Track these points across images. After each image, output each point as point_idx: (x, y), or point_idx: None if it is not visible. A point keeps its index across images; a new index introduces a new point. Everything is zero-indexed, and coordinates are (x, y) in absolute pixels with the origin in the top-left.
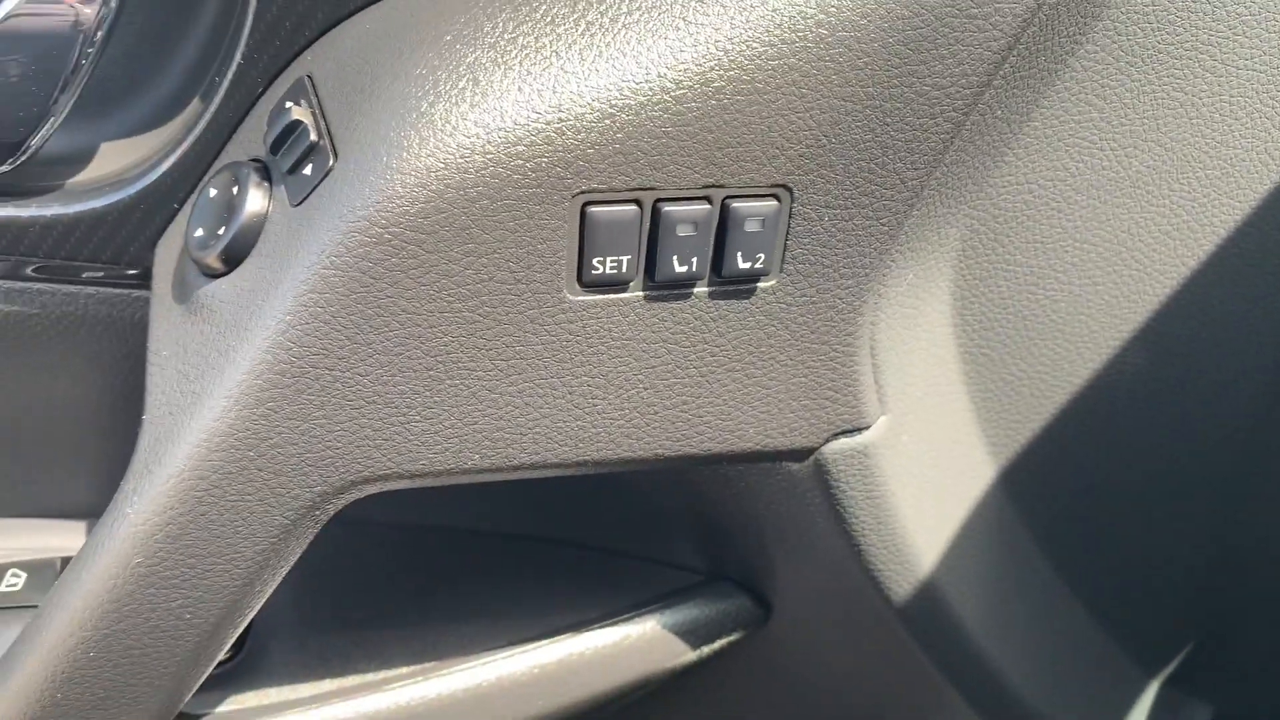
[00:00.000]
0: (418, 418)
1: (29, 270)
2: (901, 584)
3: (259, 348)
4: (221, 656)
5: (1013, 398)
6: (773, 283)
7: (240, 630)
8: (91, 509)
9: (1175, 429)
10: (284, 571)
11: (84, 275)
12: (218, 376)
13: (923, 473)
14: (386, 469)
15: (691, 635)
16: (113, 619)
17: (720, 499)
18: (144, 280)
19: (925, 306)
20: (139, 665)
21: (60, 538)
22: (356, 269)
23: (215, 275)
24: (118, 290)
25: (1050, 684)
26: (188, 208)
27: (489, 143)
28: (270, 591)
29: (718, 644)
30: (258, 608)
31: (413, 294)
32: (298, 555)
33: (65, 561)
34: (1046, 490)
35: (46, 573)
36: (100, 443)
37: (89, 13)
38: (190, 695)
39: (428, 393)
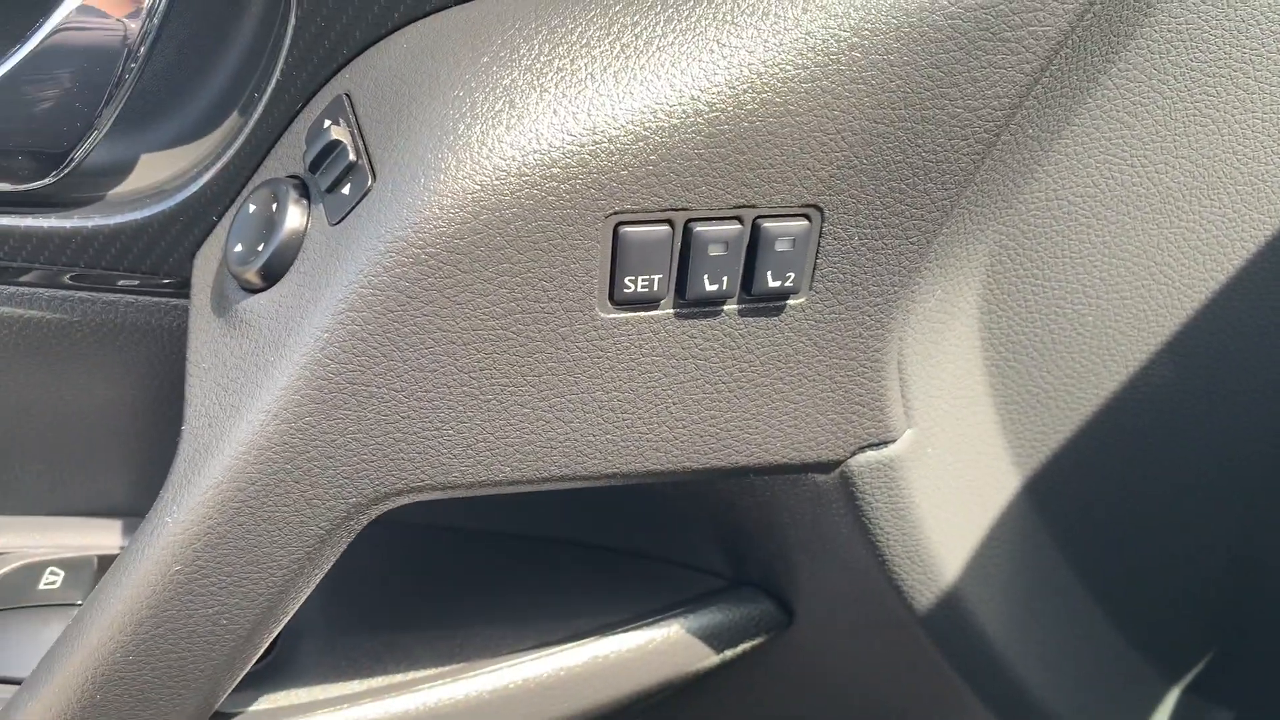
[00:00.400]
0: (450, 432)
1: (70, 279)
2: (925, 593)
3: (297, 363)
4: None
5: (1038, 409)
6: (802, 300)
7: (275, 634)
8: (126, 508)
9: (1200, 441)
10: (318, 578)
11: (123, 284)
12: (256, 390)
13: (948, 484)
14: (419, 481)
15: (715, 639)
16: (151, 624)
17: (745, 506)
18: (182, 289)
19: (952, 321)
20: (176, 668)
21: (96, 536)
22: (393, 288)
23: (254, 290)
24: (156, 299)
25: (1072, 690)
26: (226, 221)
27: (524, 165)
28: (304, 598)
29: (741, 648)
30: (292, 613)
31: (448, 312)
32: (332, 563)
33: (102, 559)
34: (1071, 500)
35: (84, 570)
36: (135, 444)
37: (133, 27)
38: (225, 696)
39: (461, 408)
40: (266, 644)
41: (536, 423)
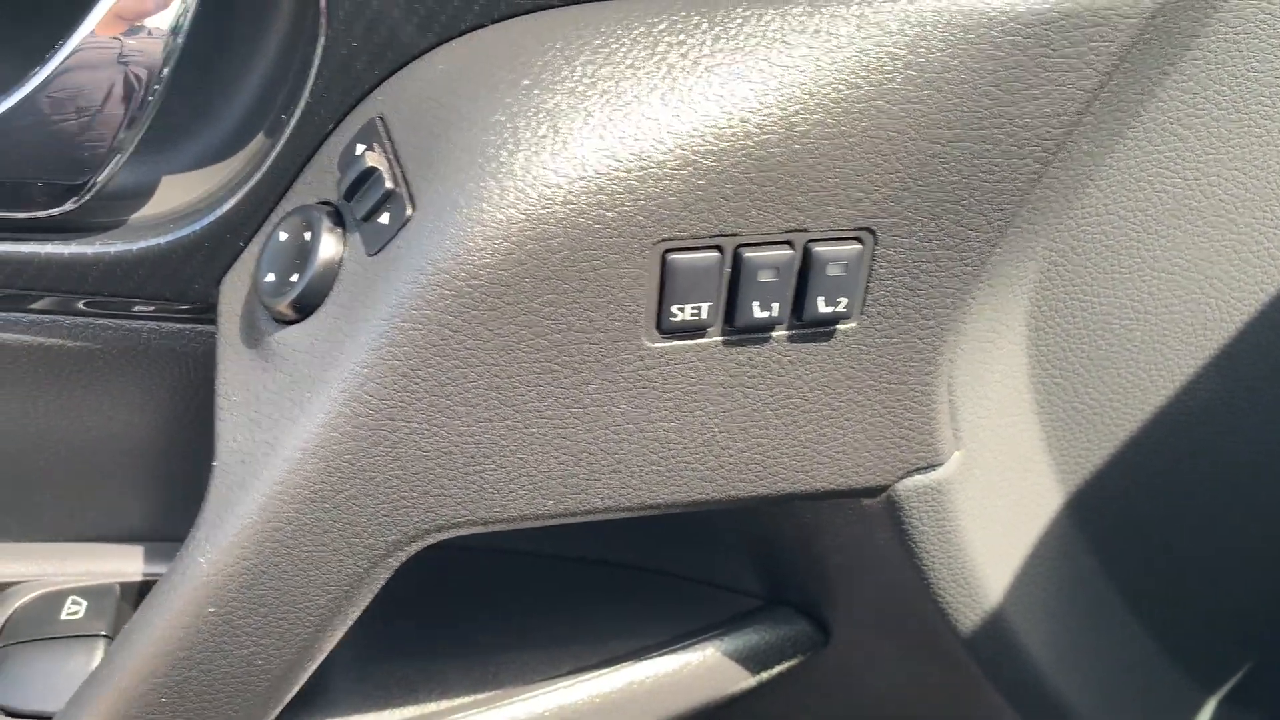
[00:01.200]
0: (493, 466)
1: (92, 305)
2: (969, 615)
3: (334, 399)
4: None
5: (1084, 426)
6: (853, 325)
7: (310, 673)
8: (146, 533)
9: (1246, 456)
10: (355, 616)
11: (145, 310)
12: (292, 426)
13: (993, 504)
14: (461, 517)
15: (752, 661)
16: (184, 666)
17: (784, 528)
18: (206, 315)
19: (1001, 340)
20: (210, 711)
21: (116, 562)
22: (436, 321)
23: (287, 322)
24: (179, 325)
25: (1113, 707)
26: (254, 247)
27: (570, 192)
28: (340, 636)
29: (777, 669)
30: (328, 651)
31: (491, 345)
32: (369, 600)
33: (124, 587)
34: (1114, 517)
35: (106, 599)
36: (156, 468)
37: (155, 47)
38: None
39: (504, 442)
40: (301, 683)
41: (581, 455)
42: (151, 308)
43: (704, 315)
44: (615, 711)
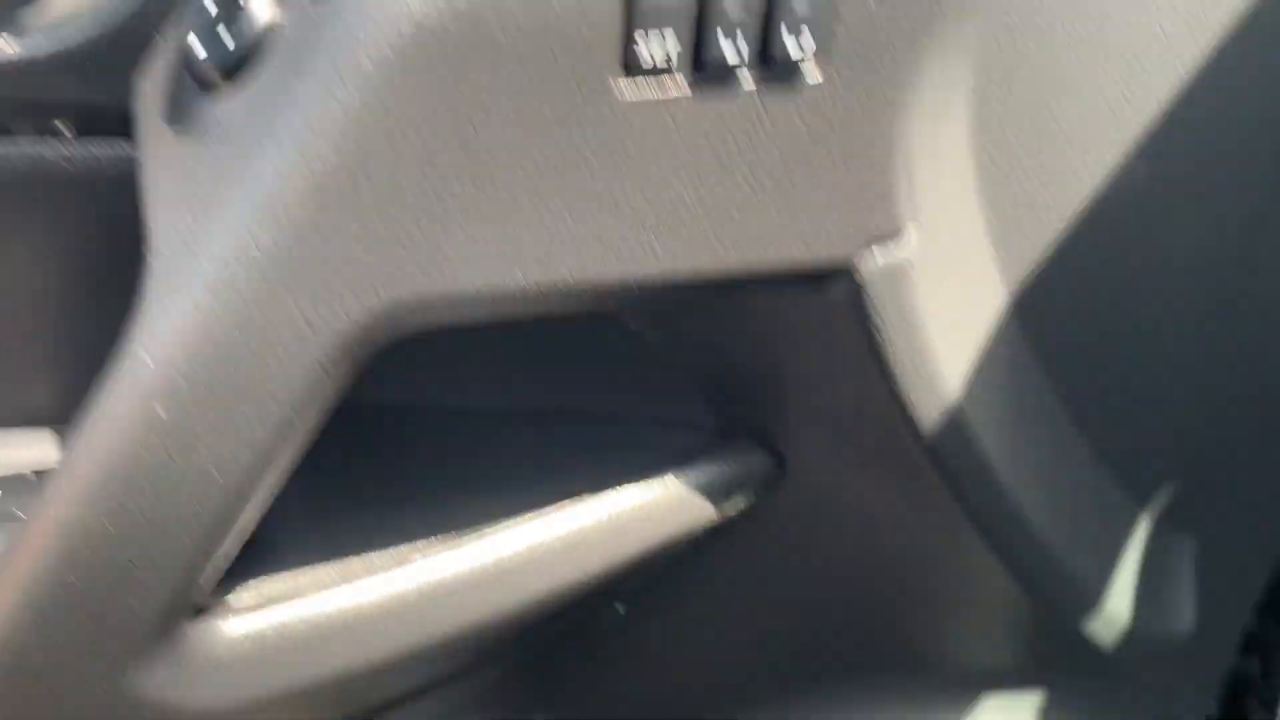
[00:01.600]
0: (459, 230)
1: None
2: (931, 413)
3: (284, 159)
4: None
5: (1023, 215)
6: (819, 79)
7: (271, 497)
8: (53, 416)
9: (1175, 253)
10: (317, 420)
11: (46, 126)
12: (237, 198)
13: (948, 295)
14: (427, 290)
15: (710, 494)
16: (132, 484)
17: (737, 345)
18: (115, 127)
19: (948, 116)
20: (162, 535)
21: (27, 451)
22: (395, 65)
23: (222, 92)
24: (89, 148)
25: (1060, 520)
26: (169, 36)
27: None
28: (303, 444)
29: (738, 501)
30: (290, 465)
31: (454, 91)
32: (332, 405)
33: (41, 475)
34: (1055, 316)
35: (21, 487)
36: (65, 334)
37: None
38: (217, 577)
39: (470, 202)
40: (262, 504)
41: (549, 218)
42: (53, 122)
43: (670, 51)
44: (578, 548)
